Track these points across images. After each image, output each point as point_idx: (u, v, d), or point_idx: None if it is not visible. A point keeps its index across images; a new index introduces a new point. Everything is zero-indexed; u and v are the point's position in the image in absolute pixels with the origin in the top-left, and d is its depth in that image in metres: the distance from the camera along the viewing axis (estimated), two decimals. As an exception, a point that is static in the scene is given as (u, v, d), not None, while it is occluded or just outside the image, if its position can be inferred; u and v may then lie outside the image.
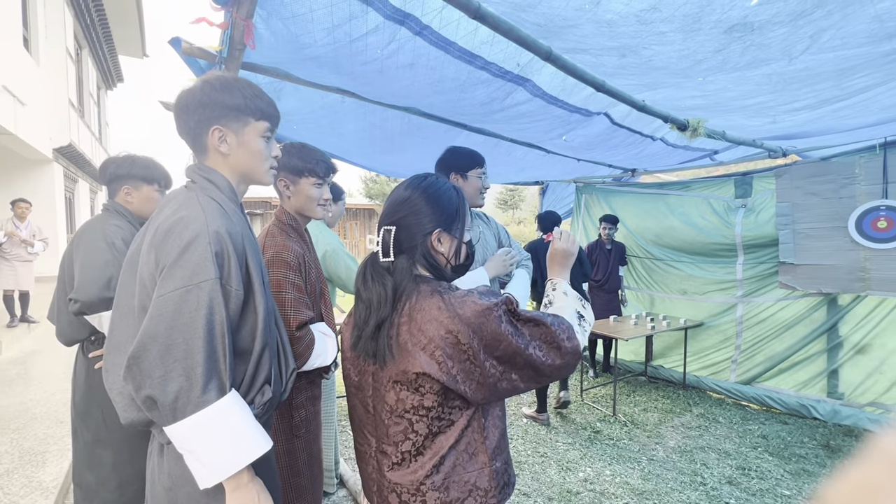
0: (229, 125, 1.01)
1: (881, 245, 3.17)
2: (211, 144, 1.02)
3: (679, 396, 4.09)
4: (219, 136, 1.01)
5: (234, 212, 1.02)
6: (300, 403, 1.48)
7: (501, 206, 30.01)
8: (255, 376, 0.99)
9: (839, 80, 1.81)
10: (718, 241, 4.16)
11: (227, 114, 1.00)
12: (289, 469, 1.46)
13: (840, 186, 3.35)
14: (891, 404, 3.30)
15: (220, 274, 0.90)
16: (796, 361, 3.75)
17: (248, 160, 1.05)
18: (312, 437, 1.52)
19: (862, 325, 3.44)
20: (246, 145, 1.04)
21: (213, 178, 1.03)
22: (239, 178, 1.07)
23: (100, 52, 11.91)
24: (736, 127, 2.65)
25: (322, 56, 1.66)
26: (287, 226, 1.53)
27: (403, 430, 0.90)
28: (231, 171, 1.05)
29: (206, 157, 1.04)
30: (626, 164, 4.09)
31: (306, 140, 2.89)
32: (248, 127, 1.03)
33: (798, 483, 2.68)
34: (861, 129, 2.69)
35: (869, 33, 1.42)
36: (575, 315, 0.97)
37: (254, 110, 1.03)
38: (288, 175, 1.51)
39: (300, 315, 1.38)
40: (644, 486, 2.64)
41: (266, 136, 1.06)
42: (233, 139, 1.03)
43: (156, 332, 0.84)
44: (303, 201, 1.52)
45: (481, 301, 0.87)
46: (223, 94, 1.00)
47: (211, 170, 1.03)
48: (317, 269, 1.55)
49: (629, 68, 1.75)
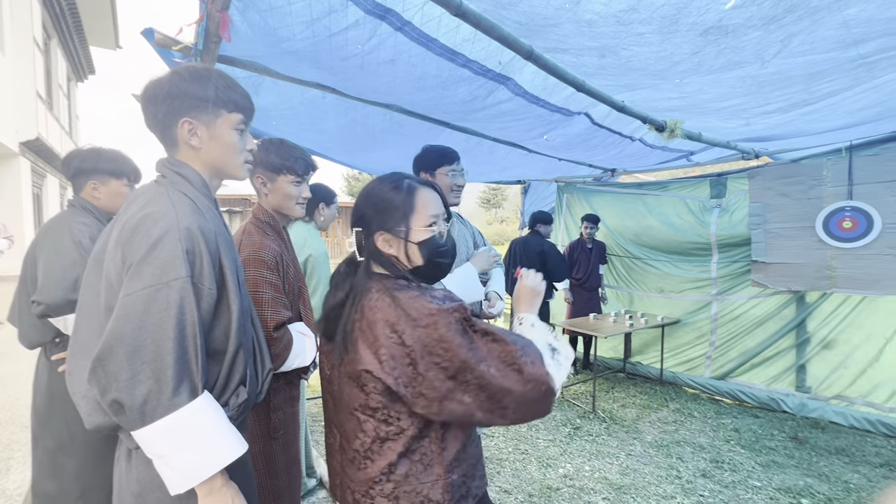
0: (200, 117, 0.98)
1: (846, 244, 3.30)
2: (181, 137, 0.98)
3: (656, 392, 4.18)
4: (189, 128, 0.97)
5: (206, 207, 0.99)
6: (278, 405, 1.45)
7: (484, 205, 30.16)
8: (230, 377, 0.96)
9: (808, 84, 1.87)
10: (694, 241, 4.26)
11: (198, 105, 0.96)
12: (266, 471, 1.43)
13: (809, 188, 3.47)
14: (854, 397, 3.44)
15: (192, 272, 0.87)
16: (767, 357, 3.87)
17: (220, 154, 1.01)
18: (291, 439, 1.50)
19: (828, 321, 3.58)
20: (218, 138, 1.00)
21: (184, 173, 0.99)
22: (211, 173, 1.03)
23: (70, 42, 11.46)
24: (711, 128, 2.72)
25: (301, 50, 1.63)
26: (265, 224, 1.50)
27: (353, 427, 0.92)
28: (203, 165, 1.01)
29: (176, 151, 1.01)
30: (605, 164, 4.15)
31: (286, 136, 2.84)
32: (220, 119, 0.99)
33: (768, 475, 2.77)
34: (828, 132, 2.80)
35: (836, 39, 1.48)
36: (546, 346, 0.93)
37: (226, 101, 0.99)
38: (265, 172, 1.47)
39: (277, 315, 1.35)
40: (622, 481, 2.69)
41: (239, 128, 1.02)
42: (204, 132, 0.99)
43: (123, 332, 0.81)
44: (280, 199, 1.49)
45: (432, 304, 0.84)
46: (193, 85, 0.96)
47: (182, 163, 1.00)
48: (295, 269, 1.53)
49: (609, 69, 1.77)
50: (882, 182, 3.17)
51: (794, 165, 3.56)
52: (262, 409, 1.43)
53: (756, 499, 2.52)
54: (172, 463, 0.83)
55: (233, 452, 0.88)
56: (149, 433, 0.81)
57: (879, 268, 3.17)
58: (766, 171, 3.70)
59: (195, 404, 0.84)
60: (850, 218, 3.28)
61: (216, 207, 1.05)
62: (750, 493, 2.57)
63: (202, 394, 0.86)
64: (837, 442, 3.18)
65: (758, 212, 3.73)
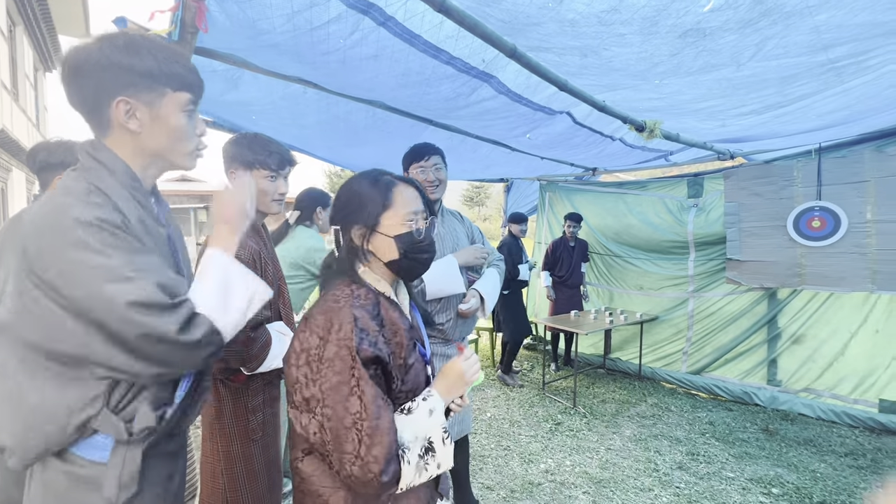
0: (139, 96, 0.82)
1: (815, 243, 3.42)
2: (115, 119, 0.82)
3: (635, 387, 4.26)
4: (126, 109, 0.82)
5: (126, 200, 0.83)
6: (257, 406, 1.43)
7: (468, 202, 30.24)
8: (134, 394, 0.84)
9: (781, 86, 1.93)
10: (672, 239, 4.36)
11: (137, 81, 0.81)
12: (245, 474, 1.40)
13: (780, 188, 3.59)
14: (821, 389, 3.58)
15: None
16: (740, 352, 4.00)
17: (165, 140, 0.86)
18: (270, 441, 1.47)
19: (797, 317, 3.72)
20: (163, 121, 0.85)
21: (104, 159, 0.83)
22: (150, 161, 0.89)
23: (37, 30, 10.98)
24: (689, 129, 2.78)
25: (281, 44, 1.60)
26: None
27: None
28: (141, 151, 0.87)
29: (107, 134, 0.85)
30: (587, 163, 4.20)
31: (266, 131, 2.78)
32: (164, 99, 0.84)
33: (741, 466, 2.86)
34: (800, 134, 2.89)
35: (808, 44, 1.52)
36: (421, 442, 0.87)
37: (170, 78, 0.84)
38: (239, 168, 1.44)
39: (256, 315, 1.32)
40: (602, 475, 2.74)
41: (188, 109, 0.88)
42: (145, 114, 0.83)
43: None
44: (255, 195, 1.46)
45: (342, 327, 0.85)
46: (131, 56, 0.80)
47: (102, 148, 0.84)
48: (274, 267, 1.50)
49: (590, 68, 1.79)
50: (848, 183, 3.30)
51: (766, 166, 3.68)
52: (240, 411, 1.40)
53: (729, 489, 2.60)
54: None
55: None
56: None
57: (845, 265, 3.31)
58: (741, 171, 3.81)
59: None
60: (818, 217, 3.41)
61: (155, 200, 0.93)
62: (724, 484, 2.65)
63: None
64: (805, 433, 3.30)
65: (732, 211, 3.83)
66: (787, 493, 2.56)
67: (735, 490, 2.59)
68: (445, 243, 1.92)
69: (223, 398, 1.41)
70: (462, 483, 2.26)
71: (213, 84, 1.99)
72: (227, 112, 2.45)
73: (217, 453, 1.41)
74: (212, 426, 1.43)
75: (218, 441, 1.41)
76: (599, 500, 2.49)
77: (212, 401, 1.43)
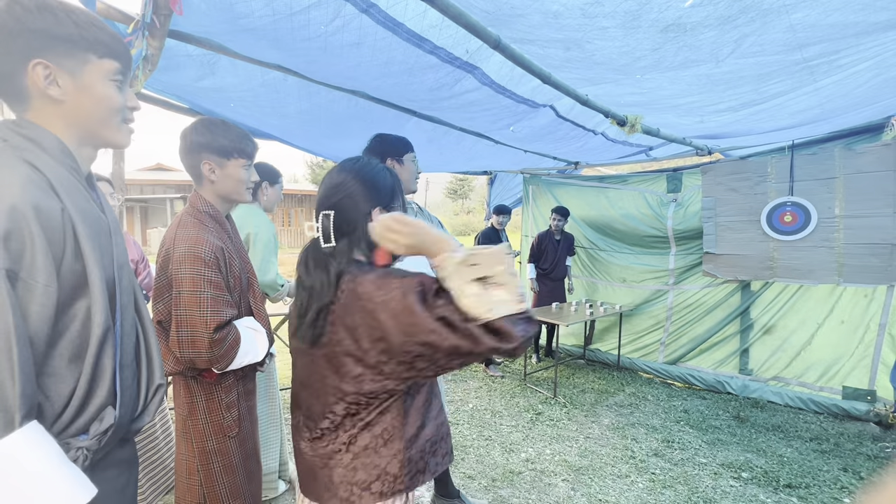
0: (60, 62, 0.76)
1: (787, 237, 3.54)
2: (33, 86, 0.75)
3: (614, 377, 4.36)
4: (45, 73, 0.74)
5: (66, 182, 0.76)
6: (231, 402, 1.40)
7: (451, 195, 30.17)
8: (89, 397, 0.77)
9: (757, 84, 1.98)
10: (653, 234, 4.45)
11: (55, 46, 0.75)
12: (222, 469, 1.38)
13: (755, 183, 3.69)
14: (789, 378, 3.73)
15: (9, 263, 0.67)
16: (714, 342, 4.13)
17: (91, 110, 0.80)
18: (246, 435, 1.45)
19: (769, 308, 3.85)
20: (88, 90, 0.78)
21: (34, 136, 0.76)
22: (81, 137, 0.81)
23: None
24: (669, 125, 2.83)
25: (260, 28, 1.55)
26: (204, 214, 1.39)
27: (323, 408, 0.94)
28: (68, 126, 0.79)
29: (27, 108, 0.77)
30: (569, 157, 4.24)
31: (245, 120, 2.72)
32: (88, 66, 0.78)
33: (713, 452, 2.97)
34: (774, 131, 2.98)
35: (783, 42, 1.56)
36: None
37: (93, 43, 0.77)
38: (213, 157, 1.37)
39: (218, 315, 1.28)
40: (581, 463, 2.80)
41: (116, 79, 0.82)
42: (67, 81, 0.77)
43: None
44: (232, 185, 1.40)
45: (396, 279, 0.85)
46: (42, 19, 0.73)
47: (32, 125, 0.77)
48: (241, 260, 1.45)
49: (574, 62, 1.80)
50: (818, 179, 3.41)
51: (742, 162, 3.78)
52: (214, 408, 1.38)
53: (702, 474, 2.70)
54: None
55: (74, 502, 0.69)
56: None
57: (814, 259, 3.44)
58: (718, 167, 3.90)
59: (9, 442, 0.64)
60: (790, 212, 3.52)
61: (89, 184, 0.84)
62: (697, 470, 2.75)
63: (21, 426, 0.65)
64: (774, 419, 3.44)
65: (709, 206, 3.93)
66: (756, 477, 2.67)
67: (707, 475, 2.69)
68: None
69: (195, 394, 1.38)
70: (442, 474, 2.29)
71: (189, 69, 1.92)
72: (204, 99, 2.37)
73: (192, 450, 1.38)
74: (185, 423, 1.39)
75: (192, 438, 1.38)
76: (578, 486, 2.55)
77: (184, 398, 1.40)
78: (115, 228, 0.88)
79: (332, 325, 0.90)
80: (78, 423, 0.76)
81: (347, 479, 0.93)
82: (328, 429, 0.94)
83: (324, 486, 0.95)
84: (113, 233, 0.86)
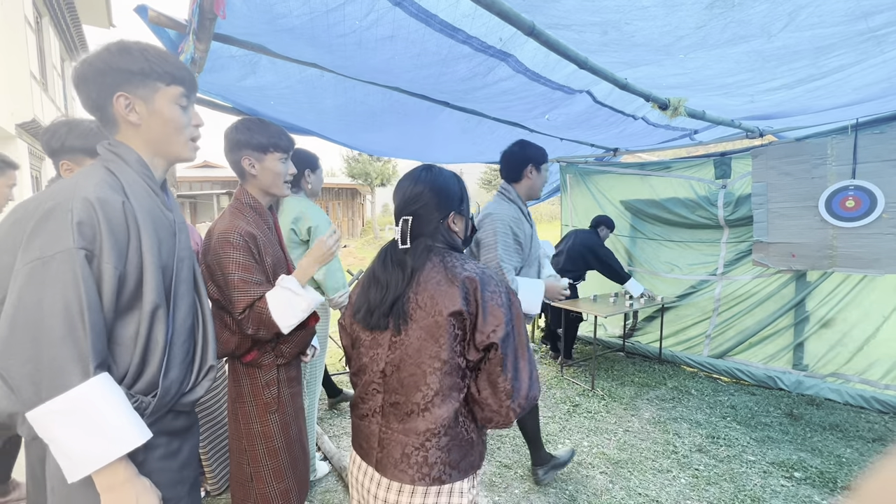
0: (136, 92, 0.93)
1: (849, 224, 3.29)
2: (118, 114, 0.94)
3: (655, 371, 4.23)
4: (125, 103, 0.93)
5: (139, 187, 0.94)
6: (270, 381, 1.47)
7: (485, 185, 29.93)
8: (143, 365, 0.91)
9: (815, 58, 1.83)
10: (702, 223, 4.25)
11: (131, 79, 0.92)
12: (265, 452, 1.46)
13: (812, 167, 3.44)
14: (850, 374, 3.48)
15: (84, 243, 0.82)
16: (765, 336, 3.91)
17: (162, 130, 0.97)
18: (290, 419, 1.52)
19: (827, 300, 3.60)
20: (158, 114, 0.95)
21: (120, 152, 0.94)
22: (154, 152, 0.99)
23: (62, 20, 11.21)
24: (715, 106, 2.68)
25: (297, 27, 1.60)
26: (245, 206, 1.48)
27: (416, 382, 1.01)
28: (145, 144, 0.97)
29: (116, 131, 0.96)
30: (608, 144, 4.10)
31: (284, 116, 2.81)
32: (157, 94, 0.95)
33: (762, 449, 2.83)
34: (834, 109, 2.75)
35: (845, 11, 1.44)
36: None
37: (161, 74, 0.94)
38: (252, 153, 1.45)
39: (245, 296, 1.34)
40: (619, 456, 2.75)
41: (181, 103, 0.98)
42: (143, 107, 0.94)
43: (8, 310, 0.78)
44: (270, 179, 1.47)
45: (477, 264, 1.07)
46: (122, 58, 0.91)
47: (119, 143, 0.95)
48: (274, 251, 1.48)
49: (611, 45, 1.74)
50: (887, 160, 3.13)
51: (798, 144, 3.52)
52: (257, 388, 1.46)
53: (750, 472, 2.58)
54: (64, 448, 0.79)
55: (131, 441, 0.82)
56: (39, 415, 0.77)
57: (880, 247, 3.17)
58: (770, 150, 3.66)
59: (86, 386, 0.78)
60: (853, 197, 3.26)
61: (163, 191, 1.01)
62: (744, 467, 2.63)
63: (95, 375, 0.80)
64: (832, 418, 3.23)
65: (760, 191, 3.70)
66: (810, 478, 2.53)
67: (756, 473, 2.57)
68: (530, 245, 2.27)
69: (241, 378, 1.47)
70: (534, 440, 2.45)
71: (232, 70, 2.01)
72: (246, 97, 2.47)
73: (240, 431, 1.48)
74: (234, 405, 1.50)
75: (240, 420, 1.48)
76: (616, 480, 2.51)
77: (232, 381, 1.50)
78: (180, 227, 1.02)
79: (423, 304, 1.02)
80: (137, 387, 0.90)
81: (443, 459, 1.00)
82: (418, 404, 1.01)
83: (415, 466, 1.00)
84: (178, 231, 1.00)
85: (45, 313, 0.77)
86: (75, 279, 0.79)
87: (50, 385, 0.77)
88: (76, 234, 0.80)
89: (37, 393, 0.77)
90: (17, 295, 0.78)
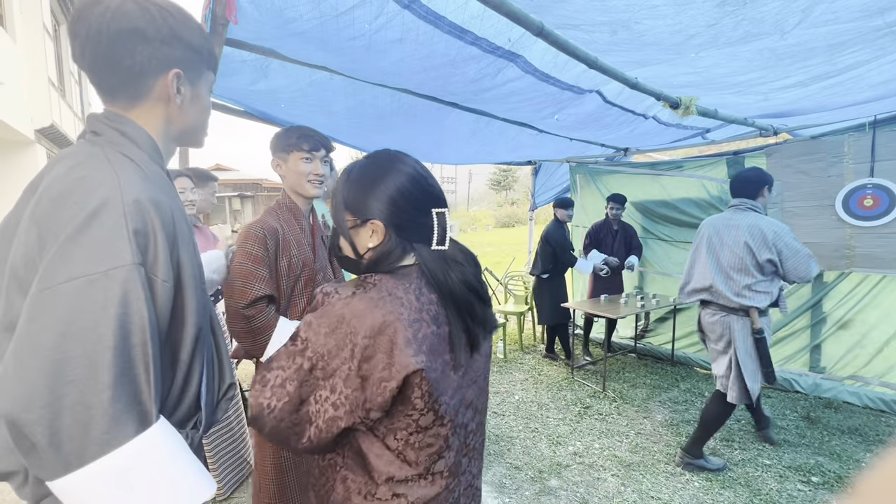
0: (188, 72, 0.78)
1: (867, 223, 3.21)
2: (160, 91, 0.76)
3: (667, 372, 4.18)
4: (177, 81, 0.76)
5: (159, 177, 0.77)
6: None
7: (495, 186, 29.86)
8: (183, 394, 0.76)
9: (830, 55, 1.80)
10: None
11: (190, 57, 0.77)
12: (277, 490, 1.46)
13: (829, 165, 3.37)
14: (870, 377, 3.40)
15: (143, 258, 0.64)
16: (781, 337, 3.84)
17: (199, 118, 0.85)
18: None
19: (845, 301, 3.52)
20: (199, 98, 0.83)
21: (129, 131, 0.74)
22: (173, 138, 0.84)
23: (79, 28, 11.46)
24: (727, 105, 2.65)
25: (308, 31, 1.62)
26: (280, 205, 1.55)
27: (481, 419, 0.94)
28: (167, 126, 0.80)
29: (133, 106, 0.76)
30: (618, 144, 4.07)
31: (295, 119, 2.85)
32: (202, 77, 0.83)
33: (778, 453, 2.78)
34: (850, 106, 2.70)
35: (861, 7, 1.41)
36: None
37: (208, 57, 0.82)
38: (279, 154, 1.52)
39: (248, 289, 1.34)
40: (631, 459, 2.73)
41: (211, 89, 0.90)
42: (188, 90, 0.80)
43: (38, 341, 0.57)
44: (294, 178, 1.51)
45: None
46: (190, 33, 0.76)
47: (125, 120, 0.75)
48: (299, 247, 1.50)
49: (621, 44, 1.73)
50: (906, 158, 3.06)
51: (813, 142, 3.46)
52: None
53: (766, 476, 2.54)
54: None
55: (201, 496, 0.67)
56: (75, 482, 0.57)
57: (900, 246, 3.10)
58: (785, 148, 3.60)
59: (147, 437, 0.61)
60: (871, 195, 3.19)
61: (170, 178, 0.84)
62: (760, 471, 2.59)
63: (156, 421, 0.63)
64: (851, 422, 3.16)
65: (775, 191, 3.63)
66: (829, 482, 2.48)
67: (772, 477, 2.53)
68: None
69: None
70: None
71: (244, 74, 2.04)
72: (257, 101, 2.51)
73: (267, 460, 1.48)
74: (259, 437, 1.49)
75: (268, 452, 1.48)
76: (628, 482, 2.49)
77: None
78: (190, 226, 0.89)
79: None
80: (175, 418, 0.75)
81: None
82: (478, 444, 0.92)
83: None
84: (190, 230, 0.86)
85: (96, 347, 0.58)
86: (137, 304, 0.61)
87: (99, 439, 0.57)
88: (135, 247, 0.63)
89: (76, 453, 0.57)
90: (50, 323, 0.57)
